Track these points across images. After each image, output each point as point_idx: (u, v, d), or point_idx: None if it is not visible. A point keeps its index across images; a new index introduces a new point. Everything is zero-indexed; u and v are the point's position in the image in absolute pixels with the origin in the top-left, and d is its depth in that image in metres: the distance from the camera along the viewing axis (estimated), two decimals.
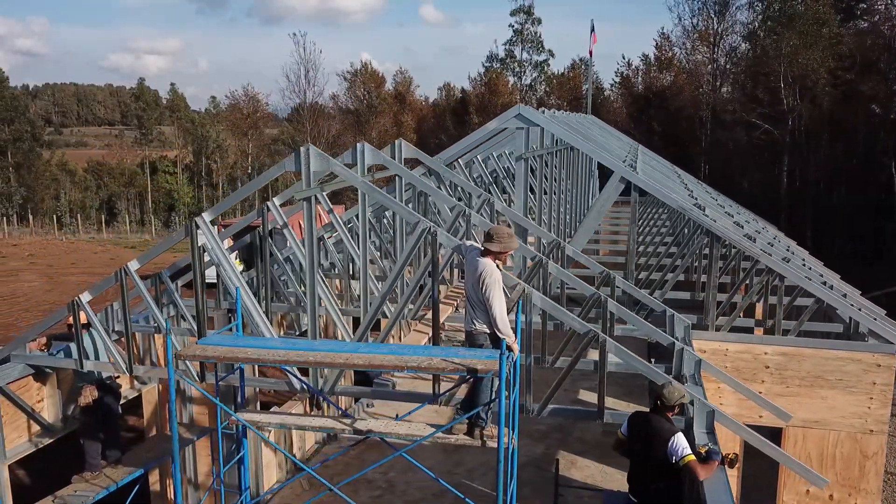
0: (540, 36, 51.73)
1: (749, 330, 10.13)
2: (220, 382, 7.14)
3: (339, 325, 8.39)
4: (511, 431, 6.29)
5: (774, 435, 9.17)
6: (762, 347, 9.13)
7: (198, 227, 7.60)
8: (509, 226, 9.03)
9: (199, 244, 7.53)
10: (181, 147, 76.71)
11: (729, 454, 6.07)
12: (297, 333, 12.22)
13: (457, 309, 9.66)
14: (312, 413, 11.38)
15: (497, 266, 6.27)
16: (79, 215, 59.50)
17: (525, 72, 52.34)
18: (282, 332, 12.24)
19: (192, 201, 72.06)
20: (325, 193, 8.13)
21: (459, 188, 9.67)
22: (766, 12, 47.37)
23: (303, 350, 6.09)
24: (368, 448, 14.36)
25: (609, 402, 14.15)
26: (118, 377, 9.15)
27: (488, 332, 6.30)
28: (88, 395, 8.48)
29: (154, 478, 11.20)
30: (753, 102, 34.76)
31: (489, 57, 53.08)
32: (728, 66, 47.79)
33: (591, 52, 21.31)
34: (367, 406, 16.11)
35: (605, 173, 28.90)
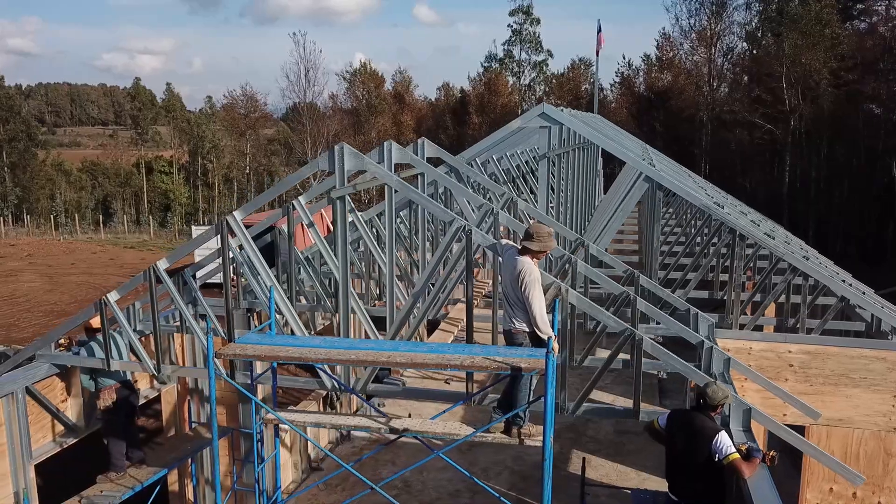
0: (539, 36, 51.91)
1: (765, 328, 10.17)
2: (255, 382, 7.09)
3: (365, 325, 8.37)
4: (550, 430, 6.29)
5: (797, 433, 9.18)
6: (786, 346, 9.15)
7: (228, 225, 7.56)
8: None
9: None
10: (177, 147, 76.48)
11: (770, 452, 6.09)
12: (314, 332, 12.21)
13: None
14: (346, 412, 11.35)
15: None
16: (76, 215, 59.18)
17: (524, 72, 52.46)
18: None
19: (188, 201, 71.88)
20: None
21: (483, 187, 9.66)
22: (764, 13, 47.68)
23: (344, 349, 6.07)
24: (383, 446, 14.39)
25: (620, 401, 14.28)
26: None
27: (528, 330, 6.30)
28: (108, 397, 8.44)
29: (172, 478, 11.15)
30: (756, 103, 34.90)
31: (488, 57, 53.29)
32: (725, 67, 48.05)
33: (597, 53, 21.40)
34: (379, 405, 16.12)
35: (607, 173, 29.09)
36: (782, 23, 35.57)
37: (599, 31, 21.92)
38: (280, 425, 11.41)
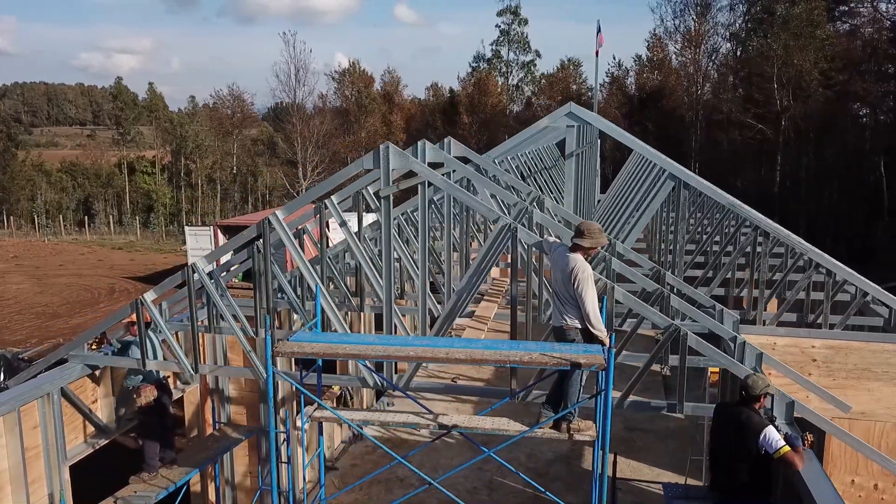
0: (526, 36, 52.16)
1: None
2: (303, 380, 7.10)
3: (397, 323, 8.41)
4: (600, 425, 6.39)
5: (806, 428, 9.37)
6: (810, 341, 9.30)
7: (270, 225, 7.57)
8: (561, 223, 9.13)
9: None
10: (160, 147, 75.78)
11: (807, 436, 6.24)
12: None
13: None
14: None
15: None
16: (61, 217, 58.42)
17: (512, 72, 52.66)
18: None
19: (171, 202, 71.25)
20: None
21: (510, 186, 9.74)
22: (748, 14, 48.33)
23: (400, 345, 6.12)
24: (396, 446, 14.38)
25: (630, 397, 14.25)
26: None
27: (580, 326, 6.37)
28: (149, 394, 8.44)
29: (194, 478, 11.12)
30: (747, 103, 35.37)
31: (476, 57, 53.43)
32: (710, 67, 48.65)
33: (597, 53, 21.61)
34: (389, 405, 16.16)
35: (604, 172, 29.29)
36: (773, 24, 36.06)
37: (599, 31, 22.14)
38: (296, 425, 11.47)
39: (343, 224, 9.01)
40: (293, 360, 10.72)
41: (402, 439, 14.81)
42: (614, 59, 45.27)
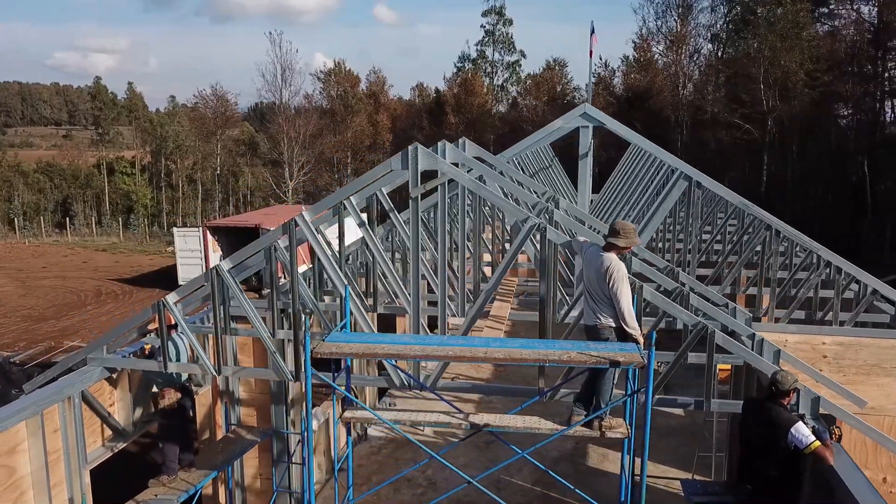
0: (511, 37, 52.33)
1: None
2: (335, 379, 7.09)
3: (416, 323, 8.43)
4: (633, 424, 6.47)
5: (831, 422, 9.52)
6: (820, 338, 9.47)
7: (297, 225, 7.56)
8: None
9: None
10: (139, 147, 74.95)
11: (835, 430, 6.36)
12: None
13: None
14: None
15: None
16: (41, 218, 57.55)
17: (497, 72, 52.84)
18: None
19: (151, 203, 70.54)
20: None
21: (525, 186, 9.81)
22: (729, 15, 48.97)
23: (437, 345, 6.15)
24: (399, 447, 14.43)
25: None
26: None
27: (614, 325, 6.45)
28: (172, 396, 8.38)
29: None
30: (734, 103, 35.83)
31: (461, 57, 53.54)
32: (691, 68, 49.24)
33: (591, 54, 21.80)
34: (391, 405, 16.17)
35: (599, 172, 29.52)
36: (759, 25, 36.54)
37: (593, 32, 22.34)
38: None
39: (362, 224, 9.03)
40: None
41: (407, 440, 14.82)
42: (601, 59, 45.84)
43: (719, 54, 50.15)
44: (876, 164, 32.61)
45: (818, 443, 5.96)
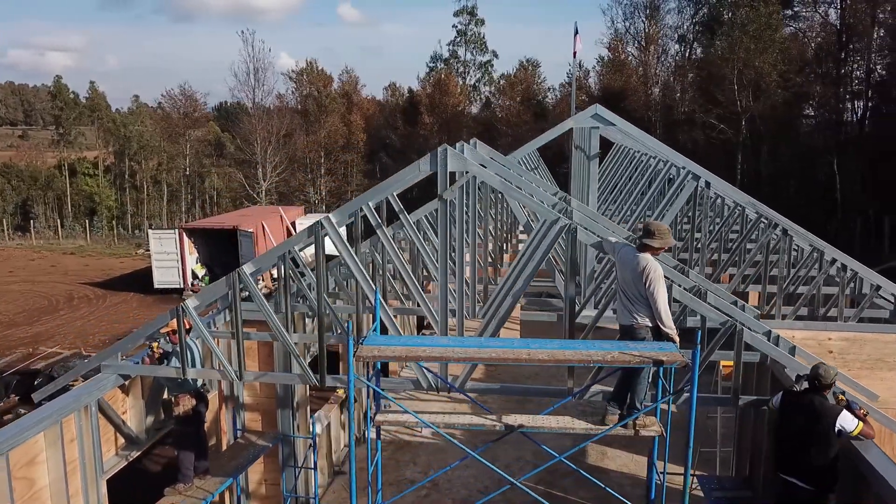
0: (483, 37, 52.47)
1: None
2: (370, 385, 7.03)
3: (435, 324, 8.41)
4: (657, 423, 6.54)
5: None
6: (826, 333, 9.70)
7: (323, 228, 7.48)
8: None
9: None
10: (102, 148, 73.24)
11: (860, 410, 6.57)
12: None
13: None
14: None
15: None
16: (3, 221, 55.91)
17: (469, 72, 52.96)
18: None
19: (115, 204, 69.01)
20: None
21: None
22: (696, 17, 49.82)
23: (479, 347, 6.14)
24: (399, 449, 14.38)
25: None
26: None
27: (651, 325, 6.51)
28: (187, 403, 8.22)
29: None
30: (709, 103, 36.45)
31: (433, 57, 53.51)
32: (659, 69, 49.98)
33: (574, 55, 21.93)
34: (385, 406, 16.08)
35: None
36: (733, 27, 37.21)
37: (576, 33, 22.52)
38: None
39: (379, 226, 8.96)
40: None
41: (405, 441, 14.80)
42: (574, 57, 45.94)
43: (687, 55, 51.01)
44: (845, 163, 33.48)
45: (861, 425, 6.23)
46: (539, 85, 51.73)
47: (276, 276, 10.22)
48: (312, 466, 10.37)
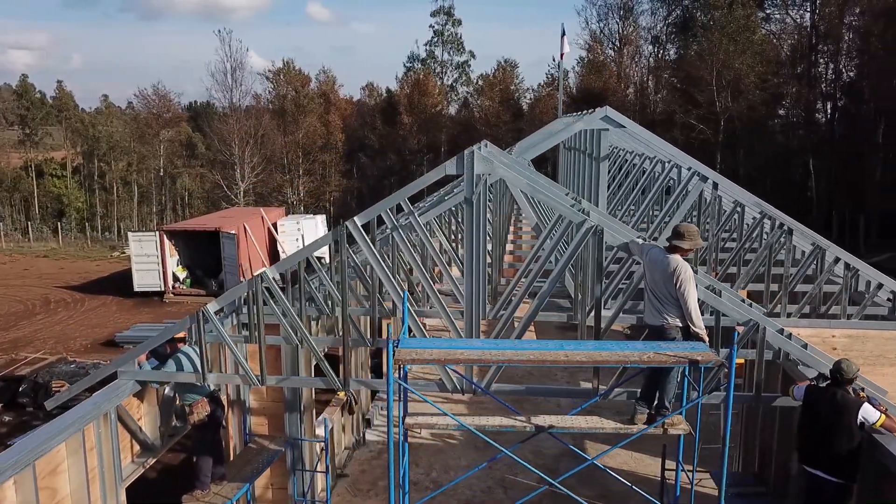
0: (460, 37, 52.58)
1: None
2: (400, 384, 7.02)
3: (451, 326, 8.42)
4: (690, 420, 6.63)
5: None
6: (830, 331, 9.92)
7: (348, 230, 7.45)
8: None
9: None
10: (69, 148, 71.84)
11: (880, 405, 6.76)
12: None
13: None
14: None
15: None
16: None
17: (446, 72, 53.03)
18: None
19: (83, 206, 67.75)
20: None
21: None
22: (668, 19, 50.56)
23: (517, 349, 6.18)
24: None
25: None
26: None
27: (681, 325, 6.61)
28: (202, 410, 8.13)
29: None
30: (689, 104, 37.04)
31: (410, 57, 53.48)
32: (633, 70, 50.67)
33: (562, 56, 22.09)
34: (382, 409, 16.09)
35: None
36: (711, 28, 37.83)
37: (563, 34, 22.67)
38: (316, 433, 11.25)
39: (395, 229, 8.95)
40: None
41: (409, 442, 14.79)
42: (553, 60, 46.50)
43: (659, 56, 51.75)
44: (818, 163, 34.26)
45: (884, 417, 6.43)
46: (517, 85, 52.05)
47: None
48: (325, 470, 10.30)
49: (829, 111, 40.33)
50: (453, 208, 9.93)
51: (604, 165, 9.78)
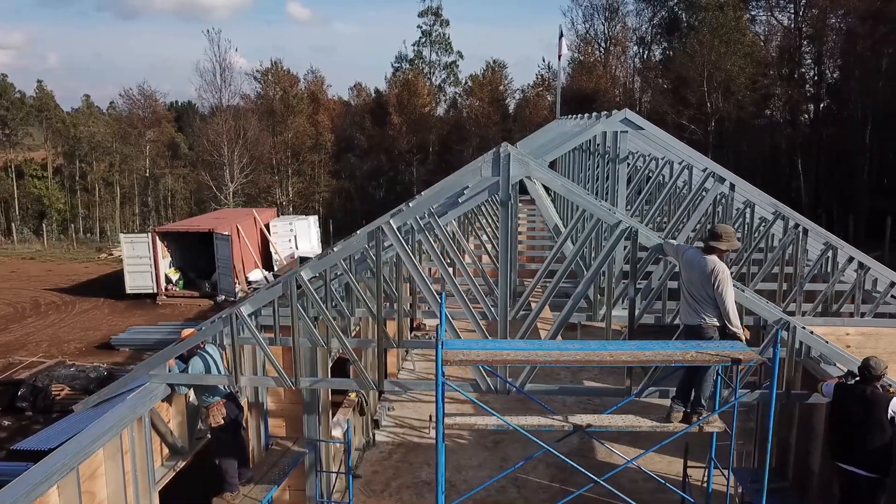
0: (448, 37, 52.67)
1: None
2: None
3: (475, 327, 8.48)
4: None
5: None
6: (844, 329, 10.12)
7: (383, 232, 7.49)
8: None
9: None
10: (50, 149, 70.82)
11: None
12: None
13: None
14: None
15: None
16: None
17: (434, 73, 53.07)
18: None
19: (65, 207, 66.86)
20: None
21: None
22: (654, 20, 51.02)
23: (563, 350, 6.25)
24: (410, 451, 14.43)
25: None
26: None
27: (718, 325, 6.73)
28: (218, 412, 8.11)
29: None
30: (680, 104, 37.44)
31: (398, 57, 53.49)
32: (618, 70, 51.07)
33: (559, 58, 22.23)
34: (389, 410, 16.15)
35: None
36: (702, 30, 38.23)
37: (561, 36, 22.83)
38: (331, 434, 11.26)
39: (422, 231, 9.00)
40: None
41: (415, 443, 14.85)
42: (543, 60, 46.77)
43: (645, 57, 52.21)
44: (805, 163, 34.78)
45: None
46: (506, 86, 52.23)
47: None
48: (347, 471, 10.33)
49: (812, 112, 40.96)
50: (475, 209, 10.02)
51: (622, 167, 9.88)
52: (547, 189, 8.28)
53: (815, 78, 40.33)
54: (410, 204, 8.54)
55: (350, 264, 8.67)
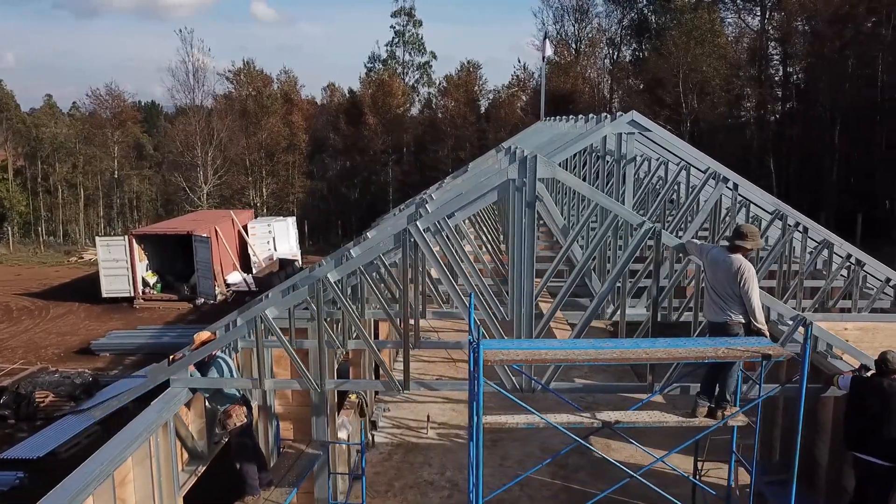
0: (421, 38, 52.75)
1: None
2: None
3: (492, 328, 8.57)
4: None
5: None
6: (842, 324, 10.45)
7: (410, 234, 7.53)
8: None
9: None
10: (10, 150, 69.02)
11: None
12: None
13: None
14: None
15: None
16: None
17: (408, 73, 53.07)
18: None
19: (27, 210, 65.26)
20: None
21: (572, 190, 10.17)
22: (623, 21, 51.73)
23: (599, 349, 6.38)
24: (409, 451, 14.44)
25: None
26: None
27: (744, 322, 6.92)
28: (240, 415, 8.07)
29: None
30: (656, 105, 38.01)
31: (371, 58, 53.39)
32: (589, 72, 51.64)
33: (544, 59, 22.40)
34: (385, 411, 16.14)
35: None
36: (679, 32, 38.85)
37: (545, 38, 23.00)
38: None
39: (438, 232, 9.06)
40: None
41: (413, 443, 14.87)
42: (519, 61, 46.98)
43: (615, 58, 52.90)
44: (777, 163, 35.60)
45: None
46: (480, 86, 52.49)
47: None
48: (361, 473, 10.34)
49: (778, 113, 41.95)
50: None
51: (629, 169, 10.06)
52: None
53: (782, 79, 41.34)
54: (427, 206, 8.58)
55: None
